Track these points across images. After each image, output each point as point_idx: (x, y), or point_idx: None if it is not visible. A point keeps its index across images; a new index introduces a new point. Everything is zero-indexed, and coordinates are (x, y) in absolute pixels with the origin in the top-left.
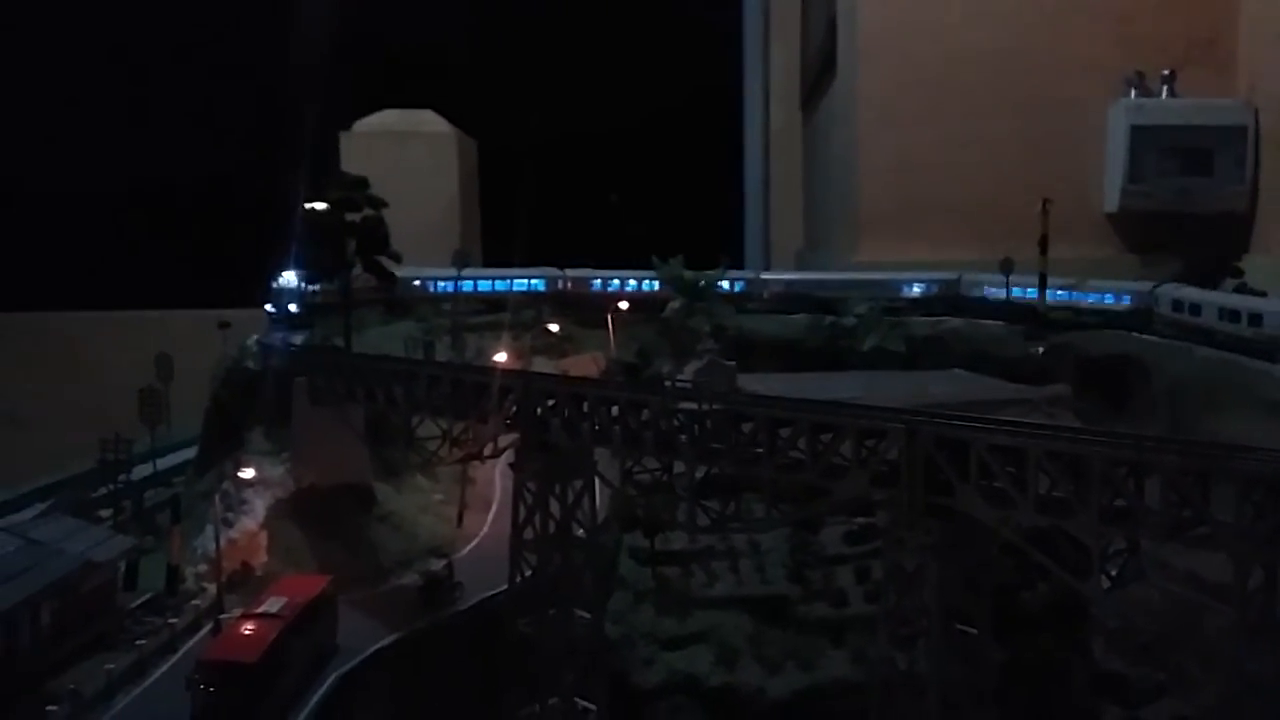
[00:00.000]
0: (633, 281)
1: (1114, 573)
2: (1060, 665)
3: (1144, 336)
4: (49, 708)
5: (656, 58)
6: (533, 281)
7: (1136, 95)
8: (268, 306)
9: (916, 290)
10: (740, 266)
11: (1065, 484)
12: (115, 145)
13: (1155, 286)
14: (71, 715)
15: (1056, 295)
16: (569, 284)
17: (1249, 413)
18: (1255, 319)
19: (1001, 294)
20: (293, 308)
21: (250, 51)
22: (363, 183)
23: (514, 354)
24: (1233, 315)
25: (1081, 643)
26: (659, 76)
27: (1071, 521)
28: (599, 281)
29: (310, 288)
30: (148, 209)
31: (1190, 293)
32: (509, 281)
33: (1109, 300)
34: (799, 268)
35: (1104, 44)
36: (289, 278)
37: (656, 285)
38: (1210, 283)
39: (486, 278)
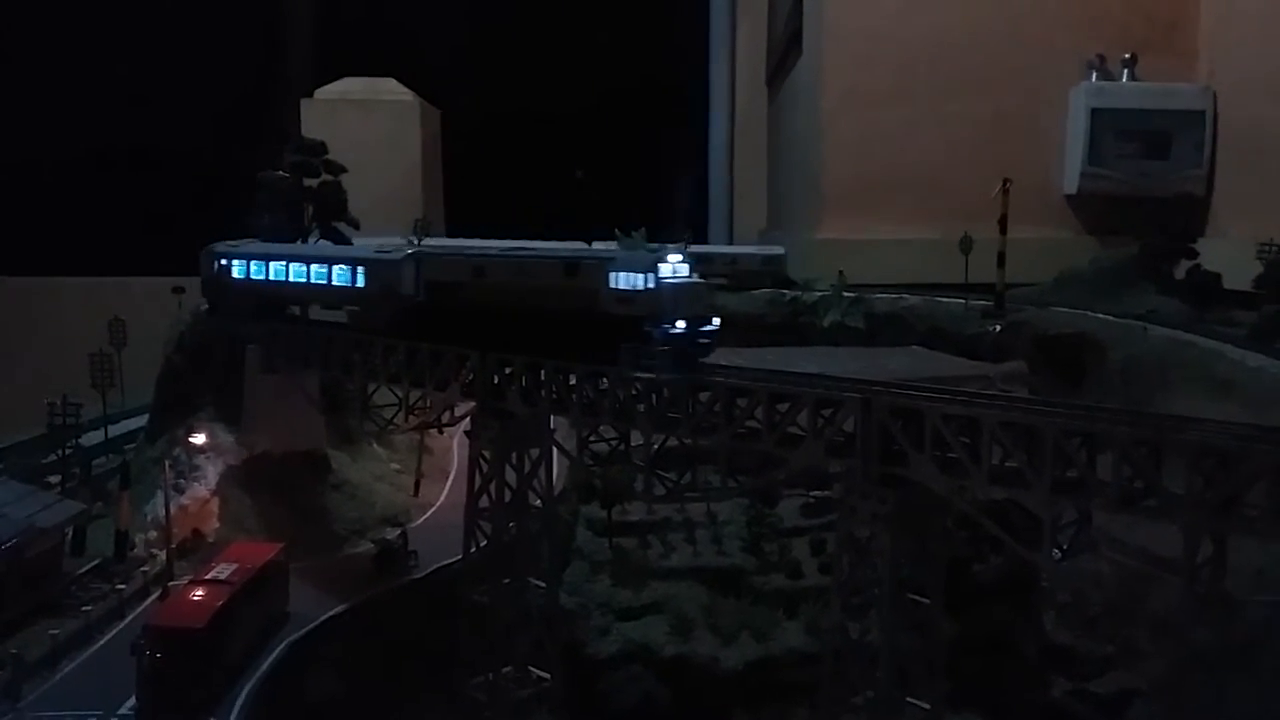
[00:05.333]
0: None
1: (1065, 545)
2: (1010, 637)
3: (1099, 316)
4: None
5: (623, 33)
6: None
7: (1097, 78)
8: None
9: None
10: (704, 243)
11: (1019, 454)
12: (72, 111)
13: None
14: (14, 680)
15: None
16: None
17: (1201, 390)
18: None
19: None
20: None
21: (211, 18)
22: (320, 148)
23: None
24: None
25: (1032, 615)
26: (626, 52)
27: (1024, 492)
28: None
29: None
30: (104, 174)
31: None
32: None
33: None
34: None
35: (1066, 27)
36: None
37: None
38: (1166, 264)
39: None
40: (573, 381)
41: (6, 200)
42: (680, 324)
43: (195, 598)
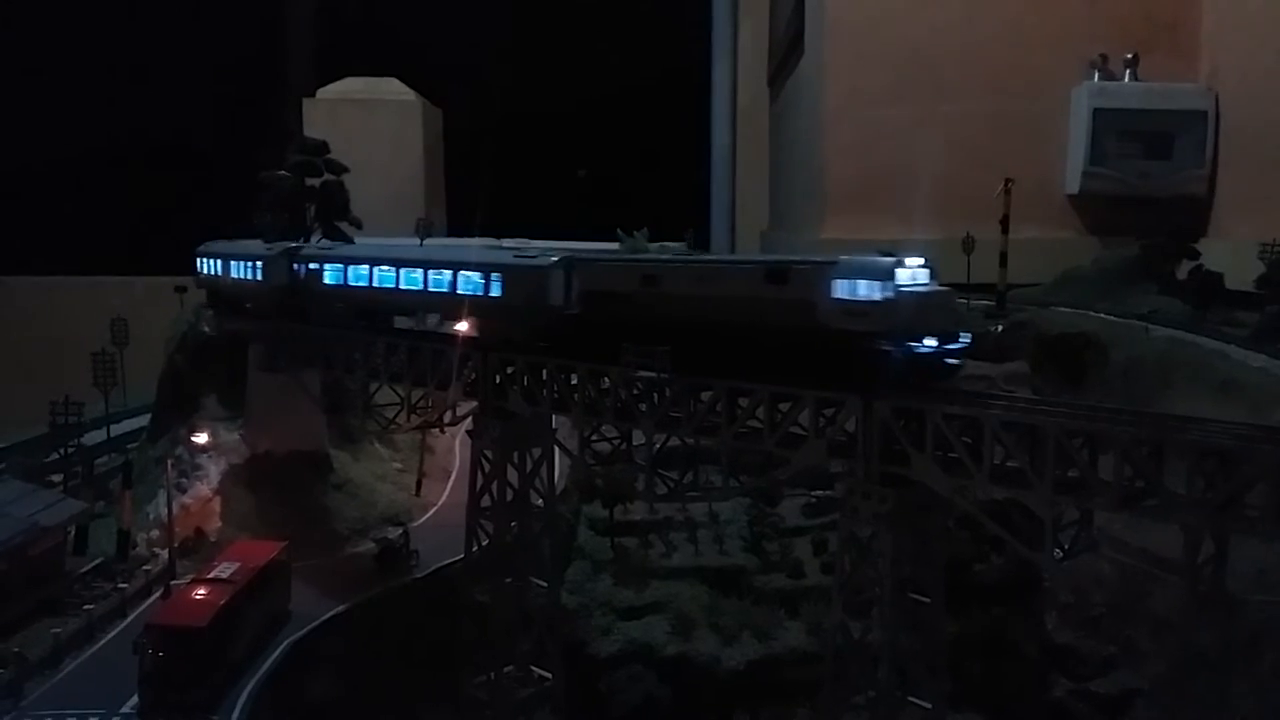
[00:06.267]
0: None
1: (1066, 545)
2: (1012, 637)
3: (1101, 316)
4: None
5: (626, 33)
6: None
7: (1099, 78)
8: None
9: None
10: (706, 243)
11: (1020, 454)
12: (74, 110)
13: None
14: (17, 678)
15: None
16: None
17: (1203, 391)
18: None
19: None
20: None
21: (214, 17)
22: (323, 147)
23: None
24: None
25: (1033, 615)
26: (628, 52)
27: (1026, 492)
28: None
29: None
30: (106, 174)
31: None
32: None
33: None
34: (764, 247)
35: (1068, 26)
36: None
37: None
38: (1168, 264)
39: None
40: (574, 381)
41: (8, 200)
42: (929, 341)
43: (197, 596)
